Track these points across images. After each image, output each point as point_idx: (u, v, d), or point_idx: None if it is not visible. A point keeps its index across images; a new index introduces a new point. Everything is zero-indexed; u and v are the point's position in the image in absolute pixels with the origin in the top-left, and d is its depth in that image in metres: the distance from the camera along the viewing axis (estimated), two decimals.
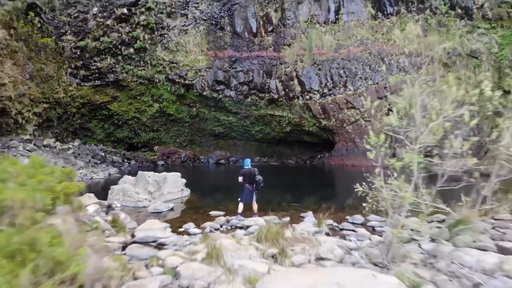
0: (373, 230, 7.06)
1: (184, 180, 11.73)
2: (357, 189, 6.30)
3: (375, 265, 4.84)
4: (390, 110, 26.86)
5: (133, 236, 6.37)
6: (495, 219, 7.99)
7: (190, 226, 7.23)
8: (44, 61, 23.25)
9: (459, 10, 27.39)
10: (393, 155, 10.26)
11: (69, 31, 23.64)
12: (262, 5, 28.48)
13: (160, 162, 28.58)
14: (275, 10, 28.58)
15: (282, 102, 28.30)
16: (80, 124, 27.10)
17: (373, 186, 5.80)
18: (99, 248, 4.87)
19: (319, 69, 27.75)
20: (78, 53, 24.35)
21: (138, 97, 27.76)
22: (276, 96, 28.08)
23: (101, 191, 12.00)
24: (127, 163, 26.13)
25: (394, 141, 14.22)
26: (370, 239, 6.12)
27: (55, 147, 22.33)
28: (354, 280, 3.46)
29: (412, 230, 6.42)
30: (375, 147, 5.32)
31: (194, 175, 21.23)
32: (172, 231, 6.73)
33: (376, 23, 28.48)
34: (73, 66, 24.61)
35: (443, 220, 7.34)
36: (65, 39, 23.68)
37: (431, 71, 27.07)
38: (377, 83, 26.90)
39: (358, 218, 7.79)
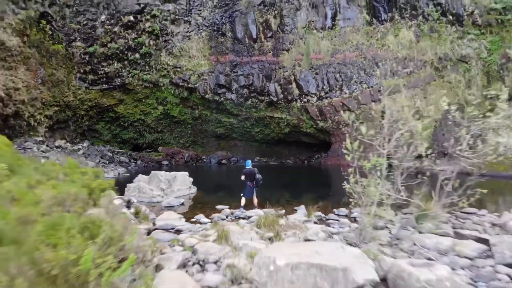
0: (354, 220, 8.34)
1: (191, 179, 13.01)
2: (344, 187, 7.57)
3: (350, 244, 6.11)
4: (383, 112, 28.11)
5: (154, 224, 7.64)
6: (461, 212, 9.29)
7: (201, 217, 8.52)
8: (55, 66, 24.53)
9: (450, 17, 28.63)
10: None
11: (78, 38, 24.91)
12: (262, 12, 29.74)
13: (165, 162, 29.87)
14: (274, 17, 29.84)
15: (281, 104, 29.55)
16: (88, 126, 28.38)
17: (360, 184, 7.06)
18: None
19: (316, 73, 29.00)
20: (87, 58, 25.62)
21: (143, 100, 29.03)
22: (275, 99, 29.33)
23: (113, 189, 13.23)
24: (133, 163, 27.41)
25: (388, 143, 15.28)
26: (349, 226, 7.40)
27: (66, 148, 23.62)
28: (328, 250, 4.74)
29: (389, 220, 7.73)
30: (351, 151, 6.61)
31: (198, 175, 22.46)
32: (186, 221, 8.01)
33: (371, 29, 29.73)
34: (82, 71, 25.89)
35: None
36: (74, 45, 24.95)
37: (423, 75, 28.50)
38: (372, 87, 28.16)
39: (343, 211, 9.08)
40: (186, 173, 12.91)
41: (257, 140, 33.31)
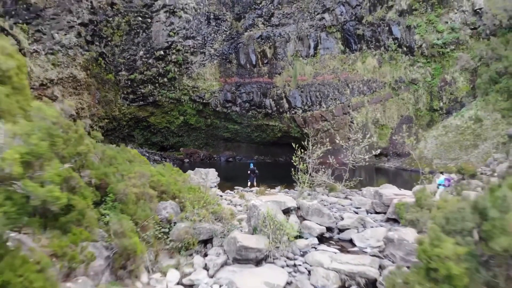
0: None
1: (217, 172, 21.78)
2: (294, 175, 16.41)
3: (294, 199, 15.03)
4: (351, 122, 36.90)
5: None
6: (359, 189, 18.20)
7: (228, 191, 17.38)
8: (107, 90, 33.21)
9: (405, 48, 37.20)
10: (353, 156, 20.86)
11: (123, 69, 33.55)
12: (260, 43, 38.31)
13: (186, 160, 38.72)
14: (269, 48, 38.43)
15: (274, 115, 38.31)
16: (127, 132, 37.16)
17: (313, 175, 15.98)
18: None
19: (302, 91, 37.70)
20: (129, 83, 34.29)
21: (168, 112, 37.79)
22: (270, 111, 38.09)
23: None
24: (164, 161, 36.22)
25: (352, 147, 24.37)
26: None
27: None
28: (280, 197, 13.65)
29: (316, 191, 16.66)
30: (297, 160, 15.47)
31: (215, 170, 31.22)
32: (222, 192, 16.84)
33: (344, 57, 38.38)
34: (125, 92, 34.58)
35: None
36: (120, 74, 33.60)
37: (383, 93, 37.15)
38: (343, 103, 36.91)
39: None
40: (214, 169, 21.69)
41: (256, 142, 42.12)
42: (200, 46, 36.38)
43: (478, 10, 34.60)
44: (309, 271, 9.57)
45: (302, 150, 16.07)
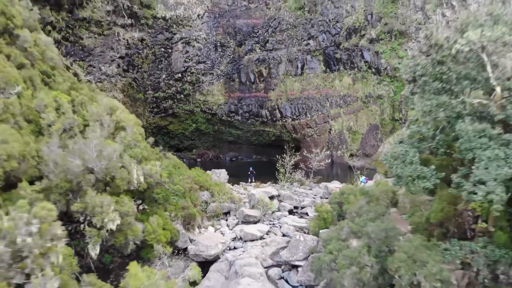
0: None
1: (226, 172, 31.12)
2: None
3: (277, 190, 24.54)
4: (330, 129, 46.19)
5: None
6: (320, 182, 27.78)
7: (236, 185, 26.80)
8: (138, 106, 42.38)
9: (373, 70, 46.17)
10: (331, 155, 31.97)
11: (150, 89, 42.68)
12: (257, 65, 47.31)
13: (198, 160, 48.12)
14: (265, 68, 47.48)
15: (269, 123, 47.56)
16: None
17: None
18: None
19: (291, 104, 46.85)
20: (154, 100, 43.46)
21: (184, 121, 47.05)
22: (265, 120, 47.34)
23: None
24: (181, 161, 45.54)
25: (332, 148, 35.35)
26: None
27: None
28: (268, 189, 23.18)
29: (292, 185, 26.22)
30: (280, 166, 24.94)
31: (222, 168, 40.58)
32: (231, 185, 26.24)
33: (325, 75, 47.46)
34: (151, 107, 43.78)
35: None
36: (148, 93, 42.74)
37: (356, 106, 46.41)
38: (324, 113, 46.15)
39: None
40: (224, 170, 31.02)
41: (255, 144, 51.46)
42: (209, 68, 45.47)
43: None
44: (280, 226, 19.11)
45: (282, 159, 25.47)
